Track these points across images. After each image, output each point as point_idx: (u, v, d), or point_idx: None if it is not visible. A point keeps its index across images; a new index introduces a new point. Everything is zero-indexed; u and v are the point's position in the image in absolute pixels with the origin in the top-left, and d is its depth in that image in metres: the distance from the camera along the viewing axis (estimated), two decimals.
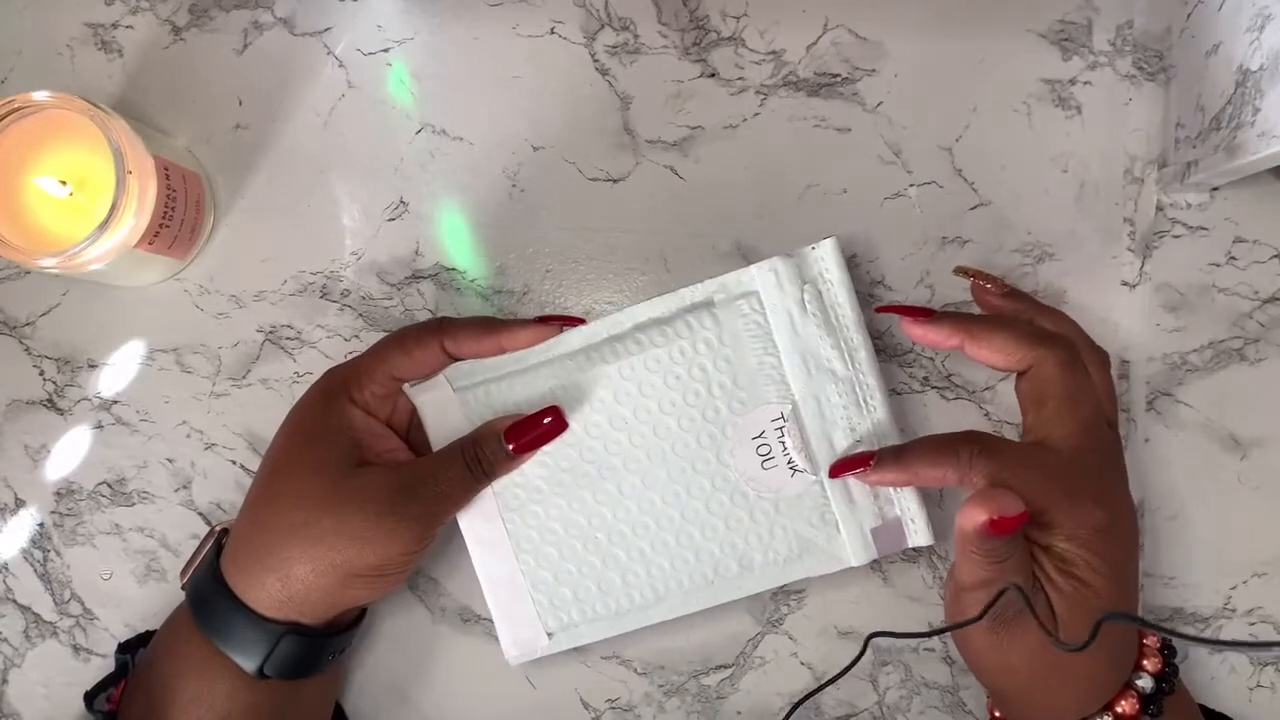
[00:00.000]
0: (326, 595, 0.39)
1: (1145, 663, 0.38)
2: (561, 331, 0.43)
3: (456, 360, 0.43)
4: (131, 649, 0.44)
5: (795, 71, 0.49)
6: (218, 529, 0.43)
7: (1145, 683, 0.38)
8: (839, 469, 0.42)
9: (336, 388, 0.42)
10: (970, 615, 0.37)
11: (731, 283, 0.43)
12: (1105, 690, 0.38)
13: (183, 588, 0.42)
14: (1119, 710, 0.37)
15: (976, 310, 0.46)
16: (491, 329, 0.42)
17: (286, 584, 0.39)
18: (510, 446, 0.42)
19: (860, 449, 0.43)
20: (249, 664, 0.39)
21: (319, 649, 0.41)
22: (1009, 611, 0.37)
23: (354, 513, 0.39)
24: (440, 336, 0.42)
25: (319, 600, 0.39)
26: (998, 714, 0.42)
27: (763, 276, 0.43)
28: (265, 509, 0.40)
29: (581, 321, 0.43)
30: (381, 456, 0.42)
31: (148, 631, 0.47)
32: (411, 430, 0.44)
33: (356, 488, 0.39)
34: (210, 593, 0.40)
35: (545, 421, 0.43)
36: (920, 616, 0.47)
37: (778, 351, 0.43)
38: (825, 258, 0.43)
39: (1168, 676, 0.38)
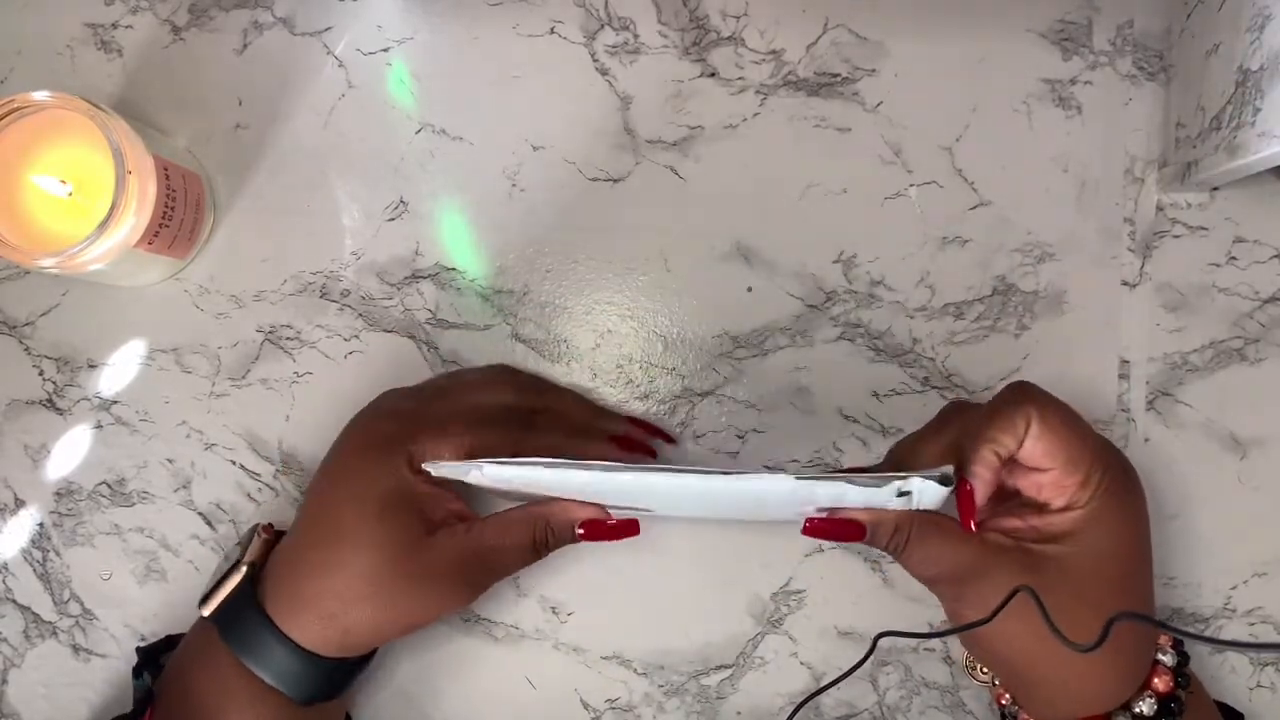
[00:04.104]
0: (382, 639, 0.41)
1: (1156, 681, 0.38)
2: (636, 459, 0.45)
3: None
4: (138, 672, 0.43)
5: (795, 71, 0.49)
6: (244, 566, 0.41)
7: (1144, 706, 0.38)
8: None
9: (399, 455, 0.40)
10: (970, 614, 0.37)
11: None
12: (1112, 693, 0.38)
13: (207, 618, 0.41)
14: None
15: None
16: (572, 444, 0.43)
17: (348, 636, 0.39)
18: (580, 532, 0.41)
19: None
20: (299, 694, 0.40)
21: (358, 670, 0.43)
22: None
23: (428, 589, 0.39)
24: (523, 438, 0.42)
25: (375, 642, 0.41)
26: (1005, 700, 0.42)
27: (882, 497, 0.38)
28: (333, 574, 0.39)
29: (668, 438, 0.46)
30: (444, 514, 0.41)
31: (153, 648, 0.45)
32: None
33: (429, 562, 0.39)
34: (257, 633, 0.39)
35: (621, 524, 0.42)
36: (920, 617, 0.47)
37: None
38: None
39: (1175, 697, 0.38)
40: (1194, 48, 0.46)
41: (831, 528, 0.39)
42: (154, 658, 0.43)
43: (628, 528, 0.41)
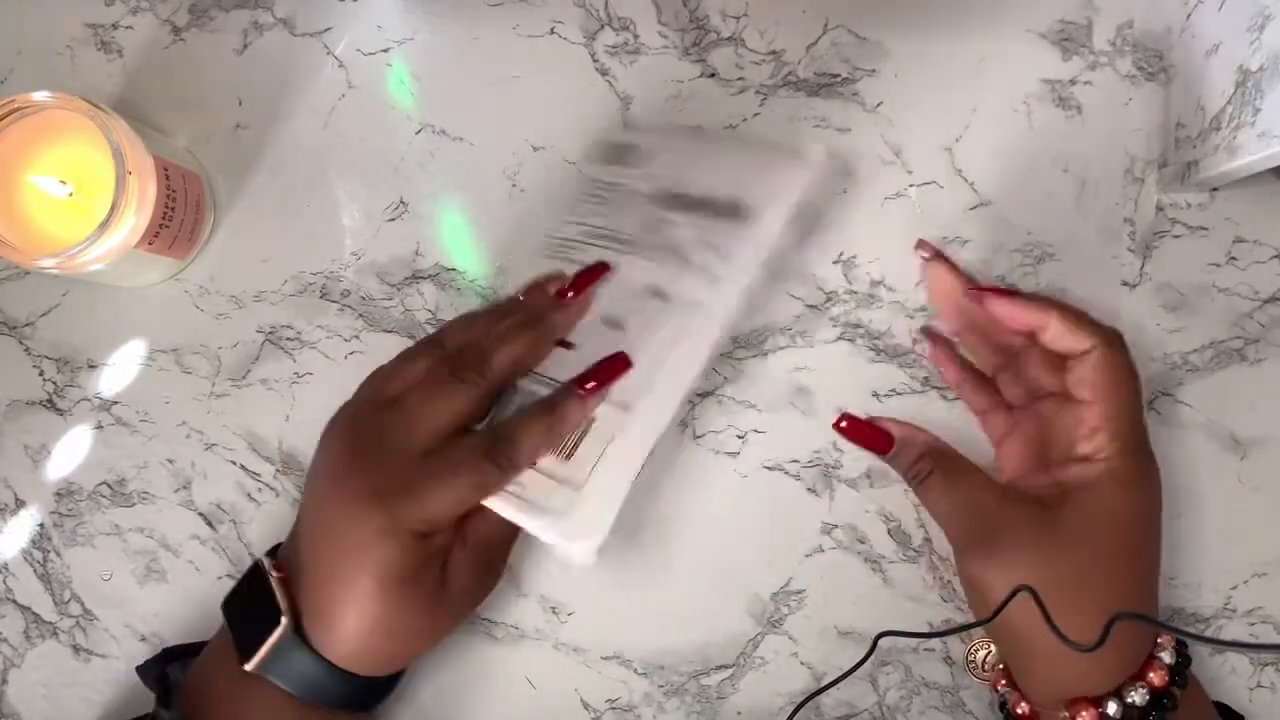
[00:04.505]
0: (424, 651, 0.43)
1: (1151, 675, 0.38)
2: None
3: None
4: (164, 700, 0.42)
5: (795, 71, 0.49)
6: (284, 619, 0.39)
7: (1136, 696, 0.38)
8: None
9: (403, 538, 0.39)
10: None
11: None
12: (1104, 676, 0.38)
13: (253, 669, 0.39)
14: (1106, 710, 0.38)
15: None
16: (551, 431, 0.40)
17: (396, 662, 0.42)
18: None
19: None
20: (347, 711, 0.41)
21: (400, 675, 0.45)
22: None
23: (458, 612, 0.42)
24: (513, 472, 0.40)
25: (417, 656, 0.44)
26: (1001, 685, 0.42)
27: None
28: (381, 627, 0.39)
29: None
30: (450, 543, 0.41)
31: (158, 668, 0.44)
32: None
33: (450, 596, 0.41)
34: (314, 673, 0.40)
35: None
36: (920, 616, 0.47)
37: None
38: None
39: (1169, 693, 0.38)
40: (1194, 48, 0.46)
41: (864, 430, 0.41)
42: (162, 675, 0.43)
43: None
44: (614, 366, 0.41)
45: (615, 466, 0.40)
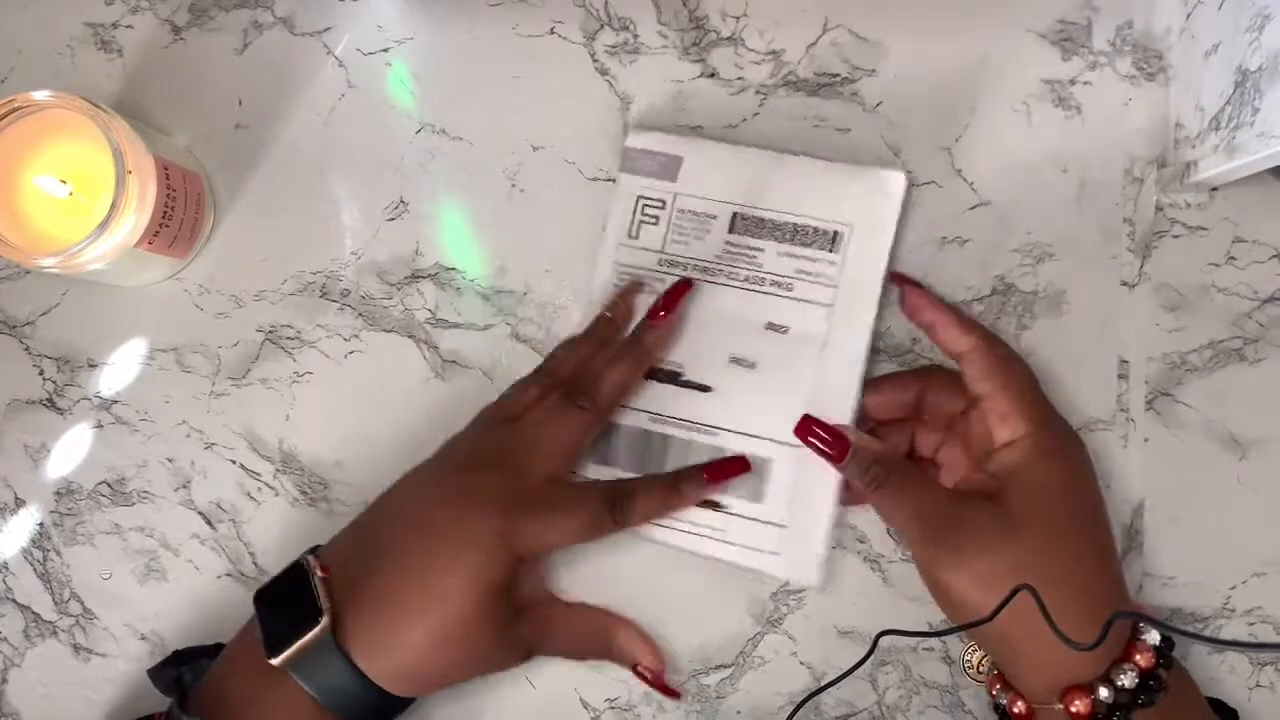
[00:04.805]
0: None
1: (1137, 656, 0.39)
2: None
3: None
4: (182, 704, 0.42)
5: (795, 71, 0.49)
6: (324, 617, 0.40)
7: (1125, 679, 0.38)
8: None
9: (507, 554, 0.41)
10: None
11: None
12: (1095, 664, 0.39)
13: (280, 665, 0.39)
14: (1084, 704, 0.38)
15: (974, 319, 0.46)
16: (668, 504, 0.44)
17: (424, 683, 0.42)
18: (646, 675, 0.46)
19: None
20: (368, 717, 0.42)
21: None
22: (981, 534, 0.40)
23: (505, 659, 0.44)
24: (623, 527, 0.43)
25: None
26: (996, 689, 0.42)
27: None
28: (440, 651, 0.41)
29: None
30: (531, 591, 0.45)
31: (178, 675, 0.43)
32: None
33: (514, 636, 0.43)
34: (339, 676, 0.40)
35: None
36: (920, 616, 0.47)
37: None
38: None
39: (1156, 675, 0.38)
40: (1194, 48, 0.46)
41: (822, 433, 0.42)
42: (177, 678, 0.43)
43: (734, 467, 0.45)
44: (734, 466, 0.45)
45: (811, 500, 0.44)
